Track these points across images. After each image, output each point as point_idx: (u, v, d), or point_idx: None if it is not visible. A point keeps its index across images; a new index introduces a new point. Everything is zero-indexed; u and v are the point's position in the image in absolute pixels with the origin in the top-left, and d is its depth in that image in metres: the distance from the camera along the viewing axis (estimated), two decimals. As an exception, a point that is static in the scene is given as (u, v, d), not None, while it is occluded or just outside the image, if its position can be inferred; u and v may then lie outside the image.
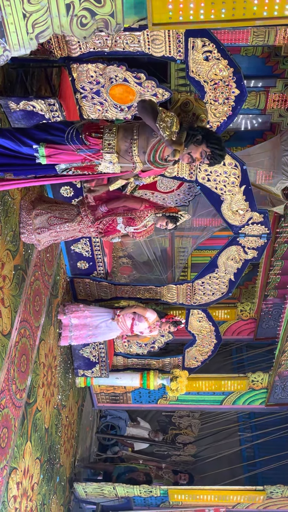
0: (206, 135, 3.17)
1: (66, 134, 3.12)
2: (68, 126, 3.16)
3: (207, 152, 3.18)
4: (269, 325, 8.09)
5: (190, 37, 3.77)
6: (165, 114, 3.03)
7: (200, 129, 3.21)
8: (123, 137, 3.15)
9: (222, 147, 3.21)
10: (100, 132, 3.13)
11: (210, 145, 3.18)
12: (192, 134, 3.15)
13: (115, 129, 3.16)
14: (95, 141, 3.13)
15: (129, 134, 3.16)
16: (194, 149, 3.18)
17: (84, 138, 3.12)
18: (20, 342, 4.48)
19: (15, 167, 3.22)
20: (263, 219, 4.96)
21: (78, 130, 3.14)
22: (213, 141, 3.19)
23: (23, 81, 4.16)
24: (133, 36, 3.82)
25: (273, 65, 6.34)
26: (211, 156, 3.21)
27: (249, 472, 8.00)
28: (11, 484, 4.40)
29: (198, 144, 3.16)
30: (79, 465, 7.23)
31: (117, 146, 3.15)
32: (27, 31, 2.56)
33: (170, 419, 9.04)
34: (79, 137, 3.13)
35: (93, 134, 3.12)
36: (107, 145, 3.13)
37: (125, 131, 3.17)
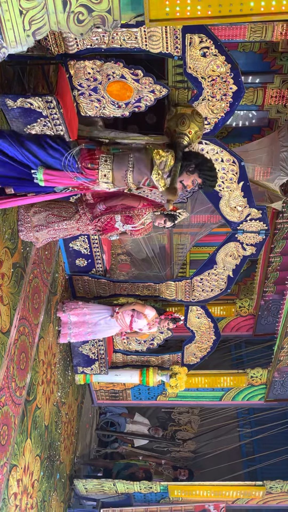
0: (199, 164, 3.22)
1: (63, 160, 3.19)
2: (67, 149, 3.21)
3: (198, 181, 3.24)
4: (268, 321, 8.10)
5: (187, 33, 3.76)
6: (160, 155, 3.09)
7: (194, 158, 3.25)
8: (118, 168, 3.23)
9: (214, 177, 3.28)
10: (96, 163, 3.19)
11: (202, 175, 3.24)
12: (186, 164, 3.20)
13: (110, 160, 3.21)
14: (91, 172, 3.21)
15: (124, 166, 3.24)
16: (186, 178, 3.25)
17: (81, 168, 3.21)
18: (19, 339, 4.48)
19: (14, 181, 3.28)
20: (261, 215, 4.96)
21: (75, 158, 3.21)
22: (206, 171, 3.25)
23: (20, 78, 4.15)
24: (130, 32, 3.81)
25: (271, 61, 6.33)
26: (202, 185, 3.28)
27: (249, 467, 8.04)
28: (11, 481, 4.42)
29: (191, 173, 3.22)
30: (79, 462, 7.25)
31: (112, 177, 3.22)
32: (24, 27, 2.55)
33: (169, 415, 9.07)
34: (76, 166, 3.21)
35: (89, 165, 3.20)
36: (103, 175, 3.23)
37: (120, 161, 3.24)
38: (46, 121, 4.01)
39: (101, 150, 3.30)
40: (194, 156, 3.33)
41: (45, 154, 3.25)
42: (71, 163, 3.24)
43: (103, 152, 3.29)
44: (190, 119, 3.29)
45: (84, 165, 3.23)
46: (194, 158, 3.31)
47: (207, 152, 4.54)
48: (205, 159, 3.35)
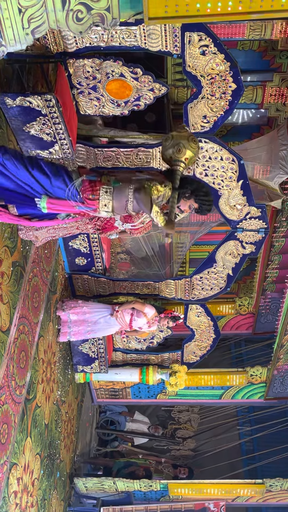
0: (194, 190, 3.39)
1: (67, 191, 3.38)
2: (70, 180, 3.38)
3: (194, 206, 3.42)
4: (268, 319, 8.11)
5: (186, 31, 3.76)
6: (158, 190, 3.27)
7: (189, 185, 3.41)
8: (119, 199, 3.39)
9: (209, 201, 3.43)
10: (97, 194, 3.38)
11: (198, 200, 3.40)
12: (182, 192, 3.36)
13: (111, 191, 3.39)
14: (92, 203, 3.39)
15: (124, 196, 3.39)
16: (183, 203, 3.42)
17: (82, 199, 3.39)
18: (19, 338, 4.48)
19: (18, 198, 3.41)
20: (261, 213, 4.97)
21: (77, 189, 3.39)
22: (201, 197, 3.40)
23: (19, 77, 4.14)
24: (129, 30, 3.81)
25: (270, 59, 6.33)
26: (199, 210, 3.45)
27: (249, 465, 8.05)
28: (11, 480, 4.42)
29: (187, 199, 3.39)
30: (79, 460, 7.26)
31: (112, 206, 3.41)
32: (22, 26, 2.55)
33: (169, 413, 9.07)
34: (78, 197, 3.40)
35: (91, 196, 3.38)
36: (103, 205, 3.41)
37: (120, 192, 3.39)
38: (45, 119, 4.01)
39: (101, 182, 3.45)
40: (190, 182, 3.46)
41: (49, 184, 3.40)
42: (73, 193, 3.41)
43: (104, 183, 3.44)
44: (186, 147, 3.35)
45: (86, 196, 3.40)
46: (190, 184, 3.44)
47: (206, 150, 4.54)
48: (200, 185, 3.49)
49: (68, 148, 4.31)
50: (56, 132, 4.13)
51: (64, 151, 4.34)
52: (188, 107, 4.26)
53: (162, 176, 3.48)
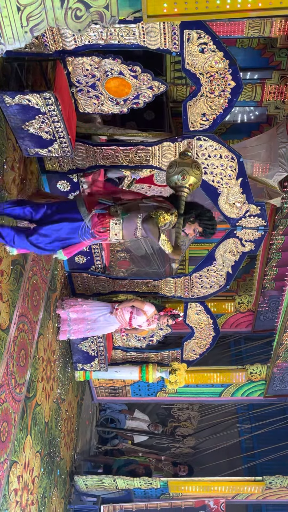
0: (199, 215, 3.54)
1: (78, 231, 3.57)
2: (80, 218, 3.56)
3: (199, 230, 3.58)
4: (267, 317, 8.12)
5: (185, 29, 3.76)
6: (164, 219, 3.43)
7: (194, 210, 3.55)
8: (128, 228, 3.56)
9: (213, 225, 3.59)
10: (107, 227, 3.54)
11: (202, 224, 3.56)
12: (187, 217, 3.52)
13: (120, 223, 3.54)
14: (104, 235, 3.57)
15: (133, 225, 3.55)
16: (187, 227, 3.57)
17: (94, 233, 3.57)
18: (19, 336, 4.49)
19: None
20: (260, 211, 4.97)
21: (88, 226, 3.57)
22: (205, 221, 3.55)
23: (18, 75, 4.14)
24: (128, 28, 3.80)
25: (269, 56, 6.33)
26: (202, 233, 3.60)
27: (248, 463, 8.07)
28: (11, 478, 4.43)
29: (192, 223, 3.54)
30: (79, 458, 7.27)
31: (122, 235, 3.58)
32: (21, 24, 2.55)
33: (169, 411, 9.09)
34: (90, 232, 3.58)
35: (102, 230, 3.55)
36: (114, 235, 3.58)
37: (129, 222, 3.55)
38: (44, 118, 4.01)
39: (110, 214, 3.58)
40: (195, 207, 3.59)
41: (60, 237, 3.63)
42: (85, 230, 3.58)
43: (113, 215, 3.57)
44: (189, 173, 3.51)
45: (97, 230, 3.56)
46: (194, 209, 3.58)
47: (205, 148, 4.54)
48: (205, 210, 3.62)
49: (67, 146, 4.31)
50: (55, 130, 4.12)
51: (63, 149, 4.34)
52: (187, 105, 4.26)
53: (168, 202, 3.58)
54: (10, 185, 4.20)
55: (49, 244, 3.68)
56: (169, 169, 3.56)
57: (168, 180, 3.60)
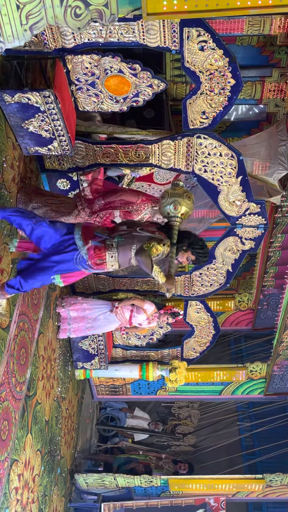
0: (191, 244, 3.63)
1: (74, 259, 3.66)
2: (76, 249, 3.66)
3: (192, 258, 3.65)
4: (267, 315, 8.12)
5: (185, 27, 3.75)
6: (157, 249, 3.49)
7: (186, 238, 3.64)
8: (123, 258, 3.65)
9: (205, 253, 3.68)
10: (104, 259, 3.65)
11: (194, 253, 3.63)
12: (180, 246, 3.61)
13: (116, 255, 3.64)
14: (100, 266, 3.68)
15: (128, 255, 3.64)
16: (180, 255, 3.64)
17: (91, 264, 3.67)
18: (19, 335, 4.49)
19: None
20: (260, 209, 4.96)
21: (84, 257, 3.65)
22: (198, 250, 3.64)
23: (17, 73, 4.13)
24: (127, 26, 3.79)
25: (269, 54, 6.32)
26: (195, 261, 3.67)
27: (248, 461, 8.08)
28: (12, 476, 4.44)
29: (184, 251, 3.63)
30: (80, 457, 7.28)
31: (118, 263, 3.68)
32: (21, 22, 2.54)
33: (169, 410, 9.10)
34: (86, 263, 3.67)
35: (98, 261, 3.66)
36: (110, 266, 3.69)
37: (124, 253, 3.64)
38: (44, 116, 4.01)
39: (105, 247, 3.69)
40: (187, 236, 3.67)
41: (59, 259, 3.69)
42: (81, 261, 3.67)
43: (108, 247, 3.68)
44: (181, 204, 3.66)
45: (94, 262, 3.66)
46: (187, 238, 3.66)
47: (205, 146, 4.54)
48: (197, 239, 3.71)
49: (67, 144, 4.30)
50: (55, 128, 4.12)
51: (63, 147, 4.34)
52: (187, 103, 4.25)
53: (161, 232, 3.66)
54: (10, 183, 4.20)
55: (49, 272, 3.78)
56: (162, 199, 3.73)
57: (161, 210, 3.75)
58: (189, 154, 4.65)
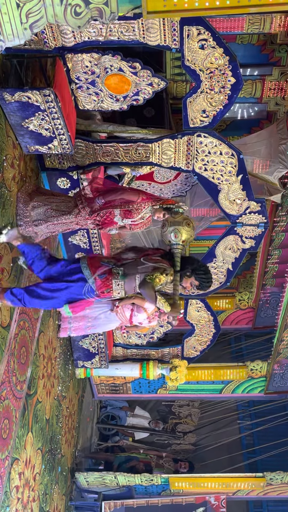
0: (194, 269, 3.68)
1: (83, 291, 3.78)
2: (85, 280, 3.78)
3: (195, 284, 3.70)
4: (268, 314, 8.11)
5: (185, 26, 3.75)
6: (160, 279, 3.57)
7: (189, 265, 3.70)
8: (128, 286, 3.77)
9: (209, 278, 3.73)
10: (111, 288, 3.77)
11: (198, 278, 3.68)
12: (183, 273, 3.67)
13: (122, 284, 3.76)
14: (108, 295, 3.80)
15: (133, 283, 3.74)
16: (184, 281, 3.71)
17: (99, 295, 3.79)
18: (19, 334, 4.49)
19: None
20: (261, 208, 4.96)
21: (92, 287, 3.77)
22: (201, 275, 3.69)
23: (17, 72, 4.13)
24: (127, 25, 3.79)
25: (269, 53, 6.30)
26: (199, 287, 3.73)
27: (249, 459, 8.07)
28: (13, 475, 4.44)
29: (188, 277, 3.68)
30: (80, 455, 7.29)
31: (125, 291, 3.80)
32: (21, 21, 2.54)
33: (170, 408, 9.10)
34: (94, 293, 3.79)
35: (105, 291, 3.78)
36: (117, 294, 3.80)
37: (129, 282, 3.76)
38: (44, 115, 4.01)
39: (112, 275, 3.80)
40: (190, 262, 3.74)
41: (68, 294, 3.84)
42: (89, 291, 3.79)
43: (115, 276, 3.79)
44: (181, 231, 3.76)
45: (101, 291, 3.79)
46: (190, 264, 3.73)
47: (205, 145, 4.54)
48: (200, 264, 3.77)
49: (67, 143, 4.30)
50: (55, 127, 4.12)
51: (63, 146, 4.34)
52: (187, 102, 4.25)
53: (165, 261, 3.74)
54: (10, 182, 4.20)
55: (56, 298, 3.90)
56: (163, 228, 3.88)
57: (162, 237, 3.90)
58: (189, 153, 4.65)
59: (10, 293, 3.85)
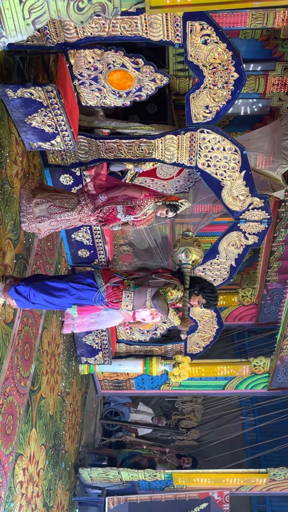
0: (202, 288, 3.84)
1: (93, 298, 3.92)
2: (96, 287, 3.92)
3: (202, 302, 3.86)
4: (271, 310, 8.11)
5: (188, 21, 3.73)
6: (172, 293, 3.74)
7: (197, 283, 3.87)
8: (138, 300, 3.88)
9: (215, 296, 3.89)
10: (120, 298, 3.88)
11: (205, 296, 3.84)
12: (192, 290, 3.83)
13: (131, 295, 3.88)
14: (116, 305, 3.92)
15: (143, 297, 3.86)
16: (192, 299, 3.86)
17: (108, 303, 3.92)
18: (23, 330, 4.51)
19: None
20: (264, 204, 4.95)
21: (103, 295, 3.91)
22: (208, 293, 3.84)
23: (20, 68, 4.13)
24: (130, 20, 3.78)
25: (272, 48, 6.27)
26: (206, 305, 3.89)
27: (252, 455, 8.09)
28: (17, 470, 4.47)
29: (196, 295, 3.85)
30: (84, 451, 7.31)
31: (133, 306, 3.91)
32: (23, 16, 2.53)
33: (173, 404, 9.12)
34: (104, 301, 3.92)
35: (115, 301, 3.90)
36: (125, 305, 3.91)
37: (139, 295, 3.87)
38: (47, 111, 4.00)
39: (124, 286, 3.93)
40: (198, 281, 3.92)
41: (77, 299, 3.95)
42: (99, 298, 3.93)
43: (125, 287, 3.92)
44: (191, 252, 3.94)
45: (111, 300, 3.91)
46: (198, 283, 3.90)
47: (208, 141, 4.53)
48: (207, 283, 3.95)
49: (70, 139, 4.30)
50: (57, 123, 4.12)
51: (66, 142, 4.34)
52: (190, 97, 4.24)
53: (175, 278, 3.92)
54: (13, 179, 4.20)
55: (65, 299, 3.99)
56: (174, 248, 4.05)
57: (173, 258, 4.08)
58: (192, 149, 4.64)
59: (14, 290, 3.86)
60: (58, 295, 3.88)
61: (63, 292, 3.89)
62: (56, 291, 3.89)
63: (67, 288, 3.89)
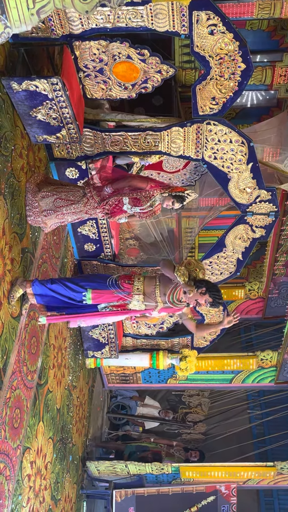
0: (208, 287, 4.12)
1: (107, 281, 4.28)
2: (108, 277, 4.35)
3: (209, 300, 4.12)
4: (278, 303, 8.07)
5: (194, 11, 3.69)
6: (178, 269, 4.12)
7: (204, 283, 4.15)
8: (149, 283, 4.27)
9: (220, 296, 4.18)
10: (132, 280, 4.28)
11: (212, 295, 4.11)
12: (198, 286, 4.10)
13: (143, 279, 4.30)
14: (128, 287, 4.25)
15: (153, 282, 4.27)
16: (199, 298, 4.12)
17: (120, 284, 4.26)
18: (30, 324, 4.51)
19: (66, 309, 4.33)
20: (271, 196, 4.91)
21: (116, 279, 4.30)
22: (214, 292, 4.12)
23: (25, 60, 4.10)
24: (135, 10, 3.74)
25: (279, 39, 6.20)
26: (212, 304, 4.15)
27: (259, 449, 8.09)
28: (25, 463, 4.48)
29: (203, 294, 4.10)
30: (91, 444, 7.34)
31: (144, 290, 4.25)
32: (28, 6, 2.50)
33: (180, 398, 9.12)
34: (117, 283, 4.27)
35: (127, 281, 4.26)
36: (136, 289, 4.24)
37: (150, 279, 4.30)
38: (52, 104, 3.98)
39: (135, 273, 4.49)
40: (205, 282, 4.20)
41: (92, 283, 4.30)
42: (112, 284, 4.27)
43: (137, 273, 4.41)
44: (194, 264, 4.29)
45: (123, 281, 4.27)
46: (205, 282, 4.20)
47: (215, 133, 4.48)
48: (213, 284, 4.24)
49: (75, 132, 4.28)
50: (63, 116, 4.09)
51: (71, 136, 4.31)
52: (197, 89, 4.20)
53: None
54: (19, 172, 4.19)
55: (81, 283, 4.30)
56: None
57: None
58: (198, 141, 4.60)
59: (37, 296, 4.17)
60: (76, 281, 4.23)
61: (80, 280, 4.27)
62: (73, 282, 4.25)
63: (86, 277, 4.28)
